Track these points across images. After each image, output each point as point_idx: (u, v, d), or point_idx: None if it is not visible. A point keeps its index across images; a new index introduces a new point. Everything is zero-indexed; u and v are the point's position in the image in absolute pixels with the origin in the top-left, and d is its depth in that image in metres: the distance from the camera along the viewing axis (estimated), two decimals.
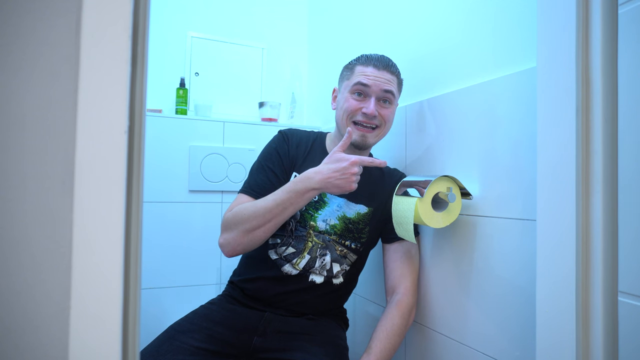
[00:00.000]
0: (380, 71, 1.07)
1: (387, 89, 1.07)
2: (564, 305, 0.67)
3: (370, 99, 1.07)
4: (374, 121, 1.08)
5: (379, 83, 1.06)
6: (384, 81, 1.07)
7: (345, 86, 1.11)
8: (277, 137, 1.21)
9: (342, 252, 1.14)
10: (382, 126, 1.10)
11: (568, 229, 0.67)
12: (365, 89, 1.07)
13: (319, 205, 1.14)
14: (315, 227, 1.13)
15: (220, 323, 1.09)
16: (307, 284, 1.12)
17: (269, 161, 1.16)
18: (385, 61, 1.09)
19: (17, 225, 0.36)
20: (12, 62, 0.36)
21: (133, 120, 0.41)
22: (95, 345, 0.37)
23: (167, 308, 1.59)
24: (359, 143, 1.09)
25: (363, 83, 1.06)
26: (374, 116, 1.07)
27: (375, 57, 1.10)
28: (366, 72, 1.07)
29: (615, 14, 0.64)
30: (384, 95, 1.08)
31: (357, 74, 1.08)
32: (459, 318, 1.02)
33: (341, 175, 0.94)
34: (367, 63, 1.08)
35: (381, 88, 1.06)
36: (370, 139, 1.10)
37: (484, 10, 1.00)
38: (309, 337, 1.08)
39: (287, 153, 1.17)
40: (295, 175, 1.14)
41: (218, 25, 1.90)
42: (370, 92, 1.07)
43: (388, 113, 1.10)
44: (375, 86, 1.06)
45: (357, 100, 1.08)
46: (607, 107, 0.65)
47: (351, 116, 1.08)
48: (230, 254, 1.07)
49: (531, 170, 0.81)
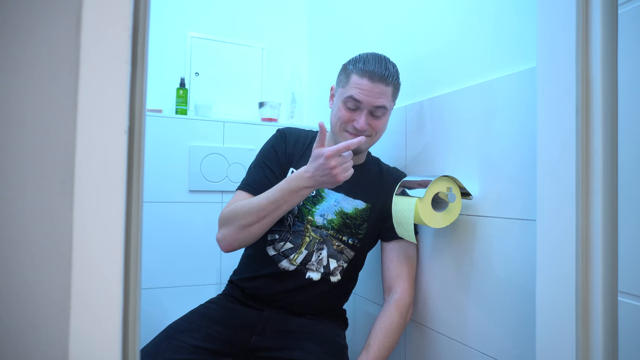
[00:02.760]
0: (375, 84, 1.05)
1: (378, 105, 1.06)
2: (564, 305, 0.67)
3: (362, 112, 1.07)
4: (364, 133, 1.09)
5: (371, 99, 1.06)
6: (376, 95, 1.06)
7: (340, 93, 1.11)
8: (275, 136, 1.23)
9: (339, 248, 1.15)
10: (373, 135, 1.12)
11: (568, 229, 0.67)
12: (357, 104, 1.07)
13: (317, 200, 1.15)
14: (313, 221, 1.14)
15: (219, 322, 1.09)
16: (304, 281, 1.12)
17: (266, 159, 1.18)
18: (381, 71, 1.06)
19: (16, 225, 0.36)
20: (12, 62, 0.36)
21: (133, 120, 0.41)
22: (95, 345, 0.37)
23: (167, 308, 1.59)
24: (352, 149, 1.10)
25: (355, 99, 1.06)
26: (364, 130, 1.08)
27: (372, 65, 1.07)
28: (360, 85, 1.06)
29: (615, 14, 0.64)
30: (376, 110, 1.08)
31: (352, 85, 1.07)
32: (459, 318, 1.02)
33: (322, 172, 0.95)
34: (362, 74, 1.06)
35: (373, 104, 1.06)
36: (362, 145, 1.09)
37: (484, 11, 1.00)
38: (307, 336, 1.08)
39: (284, 151, 1.18)
40: (292, 171, 1.15)
41: (218, 25, 1.90)
42: (362, 107, 1.07)
43: (380, 124, 1.10)
44: (367, 102, 1.06)
45: (349, 112, 1.08)
46: (607, 107, 0.65)
47: (343, 126, 1.10)
48: (227, 249, 1.09)
49: (531, 170, 0.81)
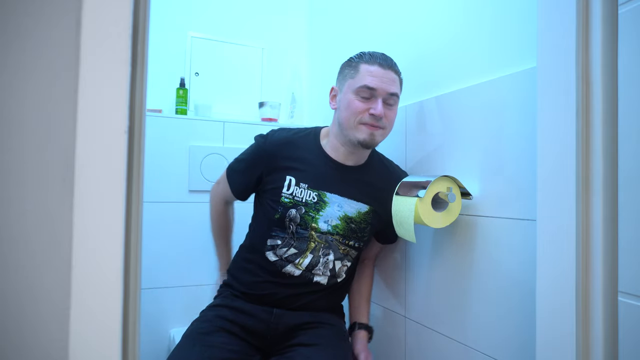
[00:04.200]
0: (386, 70, 1.05)
1: (392, 91, 1.05)
2: (564, 305, 0.67)
3: (377, 100, 1.04)
4: (380, 123, 1.06)
5: (385, 86, 1.04)
6: (389, 82, 1.05)
7: (349, 86, 1.07)
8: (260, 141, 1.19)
9: (345, 251, 1.15)
10: (387, 127, 1.09)
11: (568, 229, 0.67)
12: (372, 92, 1.04)
13: (320, 207, 1.12)
14: (317, 228, 1.12)
15: (234, 322, 1.10)
16: (312, 285, 1.13)
17: (249, 166, 1.19)
18: (389, 60, 1.07)
19: (17, 225, 0.36)
20: (12, 62, 0.36)
21: (133, 120, 0.41)
22: (95, 345, 0.37)
23: (167, 308, 1.59)
24: (367, 142, 1.07)
25: (370, 87, 1.03)
26: (381, 117, 1.05)
27: (379, 54, 1.08)
28: (372, 72, 1.04)
29: (615, 14, 0.64)
30: (389, 98, 1.06)
31: (363, 73, 1.05)
32: (459, 318, 1.02)
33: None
34: (371, 61, 1.05)
35: (387, 91, 1.04)
36: (378, 137, 1.08)
37: (483, 11, 1.00)
38: (317, 324, 1.13)
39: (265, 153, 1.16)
40: (291, 179, 1.12)
41: (218, 25, 1.90)
42: (377, 95, 1.04)
43: (392, 115, 1.09)
44: (382, 89, 1.04)
45: (363, 101, 1.05)
46: (607, 107, 0.65)
47: (360, 119, 1.06)
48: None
49: (531, 170, 0.81)
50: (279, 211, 1.11)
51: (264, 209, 1.15)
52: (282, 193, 1.12)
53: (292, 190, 1.12)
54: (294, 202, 1.11)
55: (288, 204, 1.11)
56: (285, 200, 1.11)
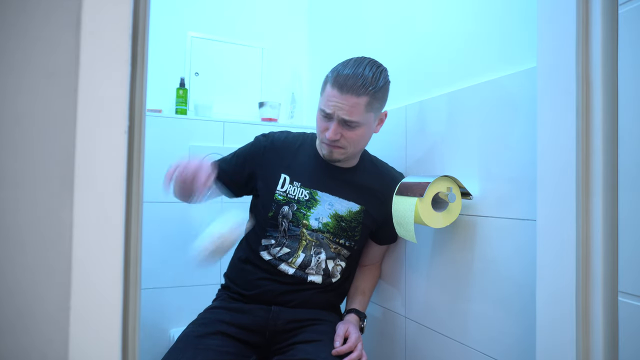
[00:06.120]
0: (344, 95, 1.02)
1: (346, 119, 1.03)
2: (564, 305, 0.67)
3: (333, 122, 1.05)
4: (338, 143, 1.07)
5: (341, 112, 1.03)
6: (345, 108, 1.02)
7: (319, 101, 1.10)
8: (260, 139, 1.22)
9: (336, 250, 1.16)
10: (347, 147, 1.09)
11: (568, 229, 0.67)
12: (329, 114, 1.05)
13: (311, 204, 1.15)
14: (309, 225, 1.14)
15: (231, 323, 1.10)
16: (307, 284, 1.14)
17: (239, 157, 1.21)
18: (353, 81, 1.02)
19: (16, 225, 0.36)
20: (12, 62, 0.36)
21: (133, 120, 0.41)
22: (95, 345, 0.37)
23: (167, 308, 1.59)
24: (327, 158, 1.13)
25: (324, 112, 1.05)
26: (336, 140, 1.06)
27: (348, 71, 1.03)
28: (329, 97, 1.04)
29: (616, 14, 0.64)
30: (349, 122, 1.04)
31: (325, 95, 1.06)
32: (459, 318, 1.02)
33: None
34: (334, 83, 1.04)
35: (341, 117, 1.04)
36: (337, 155, 1.10)
37: (483, 11, 1.00)
38: (316, 321, 1.13)
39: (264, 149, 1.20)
40: (285, 177, 1.16)
41: (218, 25, 1.90)
42: (333, 118, 1.05)
43: (353, 136, 1.07)
44: (337, 115, 1.04)
45: (323, 122, 1.08)
46: (607, 107, 0.65)
47: (322, 137, 1.10)
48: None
49: (531, 170, 0.81)
50: (272, 209, 1.14)
51: (258, 210, 1.19)
52: (276, 190, 1.15)
53: (285, 188, 1.15)
54: (287, 199, 1.15)
55: (282, 202, 1.14)
56: (279, 198, 1.15)
